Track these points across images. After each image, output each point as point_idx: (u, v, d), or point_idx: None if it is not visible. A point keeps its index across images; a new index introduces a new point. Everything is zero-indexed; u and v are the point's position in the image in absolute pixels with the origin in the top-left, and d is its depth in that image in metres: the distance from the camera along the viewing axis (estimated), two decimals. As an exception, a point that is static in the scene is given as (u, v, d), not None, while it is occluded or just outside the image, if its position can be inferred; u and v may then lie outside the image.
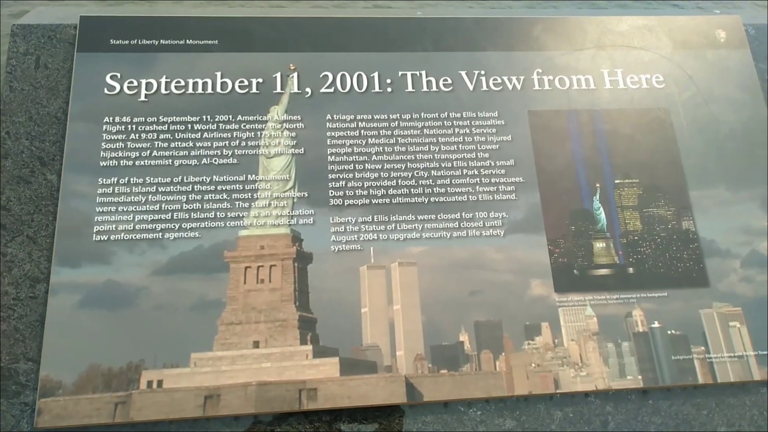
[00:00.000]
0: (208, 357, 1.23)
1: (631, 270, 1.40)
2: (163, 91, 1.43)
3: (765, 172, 1.51)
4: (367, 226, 1.36)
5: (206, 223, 1.32)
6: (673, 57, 1.62)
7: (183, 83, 1.44)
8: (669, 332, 1.34)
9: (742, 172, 1.51)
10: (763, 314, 1.37)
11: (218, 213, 1.33)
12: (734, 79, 1.61)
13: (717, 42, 1.65)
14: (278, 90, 1.46)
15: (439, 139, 1.45)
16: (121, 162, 1.34)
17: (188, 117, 1.40)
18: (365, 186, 1.39)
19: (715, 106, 1.57)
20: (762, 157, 1.53)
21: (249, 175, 1.37)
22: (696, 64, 1.62)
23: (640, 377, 1.30)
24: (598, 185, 1.46)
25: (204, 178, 1.35)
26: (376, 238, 1.35)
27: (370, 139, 1.43)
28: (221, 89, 1.45)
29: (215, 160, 1.37)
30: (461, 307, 1.32)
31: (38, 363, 1.20)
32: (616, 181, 1.48)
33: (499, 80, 1.54)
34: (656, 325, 1.35)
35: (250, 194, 1.36)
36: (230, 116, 1.42)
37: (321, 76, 1.49)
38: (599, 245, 1.42)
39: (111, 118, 1.38)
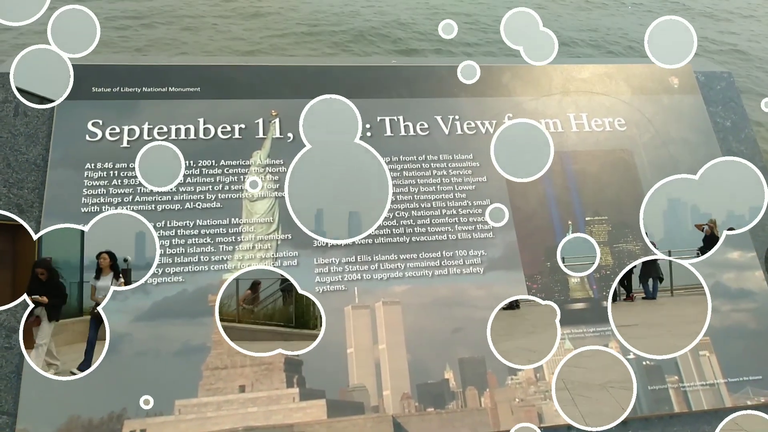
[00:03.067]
0: (193, 403, 1.21)
1: (605, 303, 1.46)
2: (145, 137, 1.44)
3: (722, 208, 1.61)
4: (350, 267, 1.38)
5: (190, 267, 1.32)
6: (632, 102, 1.73)
7: (166, 129, 1.46)
8: (644, 363, 1.39)
9: (701, 209, 1.60)
10: (730, 343, 1.44)
11: (202, 257, 1.34)
12: (689, 122, 1.73)
13: (671, 88, 1.78)
14: (261, 135, 1.49)
15: (418, 180, 1.51)
16: (103, 207, 1.34)
17: (171, 162, 1.42)
18: (348, 227, 1.42)
19: (673, 147, 1.68)
20: (719, 194, 1.63)
21: (232, 219, 1.38)
22: (653, 109, 1.73)
23: (619, 408, 1.34)
24: (570, 223, 1.53)
25: (187, 222, 1.36)
26: (359, 278, 1.37)
27: (351, 182, 1.47)
28: (204, 135, 1.47)
29: (198, 205, 1.38)
30: (445, 344, 1.35)
31: (14, 416, 1.15)
32: (587, 219, 1.55)
33: (473, 124, 1.61)
34: (631, 356, 1.39)
35: (233, 237, 1.37)
36: (213, 161, 1.44)
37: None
38: (574, 280, 1.47)
39: (93, 164, 1.38)
